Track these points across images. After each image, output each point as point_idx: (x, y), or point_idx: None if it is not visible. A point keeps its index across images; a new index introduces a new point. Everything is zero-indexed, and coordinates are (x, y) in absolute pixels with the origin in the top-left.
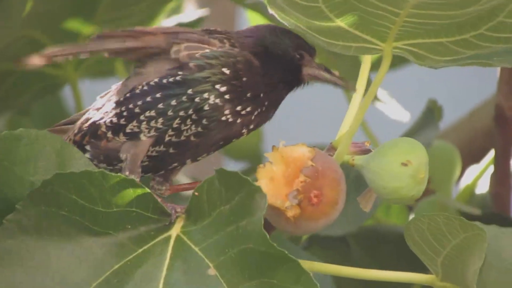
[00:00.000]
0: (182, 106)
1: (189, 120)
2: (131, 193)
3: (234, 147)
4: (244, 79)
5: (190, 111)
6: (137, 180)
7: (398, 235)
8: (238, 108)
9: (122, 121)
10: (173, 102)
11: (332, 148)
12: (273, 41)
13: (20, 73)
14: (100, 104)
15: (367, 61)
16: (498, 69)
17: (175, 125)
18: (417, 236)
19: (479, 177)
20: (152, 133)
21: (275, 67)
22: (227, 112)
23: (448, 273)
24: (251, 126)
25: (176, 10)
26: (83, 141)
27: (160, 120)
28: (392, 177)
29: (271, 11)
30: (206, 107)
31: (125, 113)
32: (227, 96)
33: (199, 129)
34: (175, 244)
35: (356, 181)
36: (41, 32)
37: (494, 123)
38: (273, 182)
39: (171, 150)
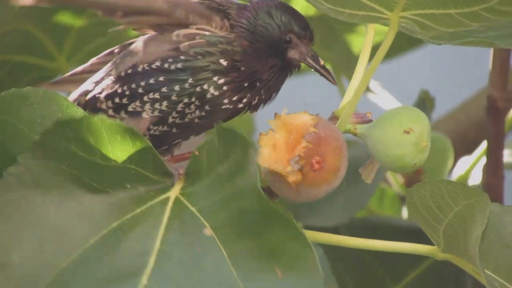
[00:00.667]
0: (185, 92)
1: (193, 105)
2: (130, 146)
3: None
4: (242, 68)
5: (193, 99)
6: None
7: (391, 226)
8: (235, 98)
9: (124, 101)
10: (177, 88)
11: (334, 118)
12: (263, 21)
13: (12, 65)
14: (98, 77)
15: (370, 31)
16: (490, 60)
17: (179, 109)
18: (419, 204)
19: (471, 168)
20: (156, 113)
21: (263, 50)
22: (226, 101)
23: (450, 243)
24: (252, 109)
25: None
26: None
27: (165, 103)
28: (394, 145)
29: None
30: (208, 95)
31: (127, 92)
32: (225, 88)
33: (203, 113)
34: (173, 206)
35: (348, 171)
36: (34, 25)
37: (486, 114)
38: (276, 149)
39: (174, 130)
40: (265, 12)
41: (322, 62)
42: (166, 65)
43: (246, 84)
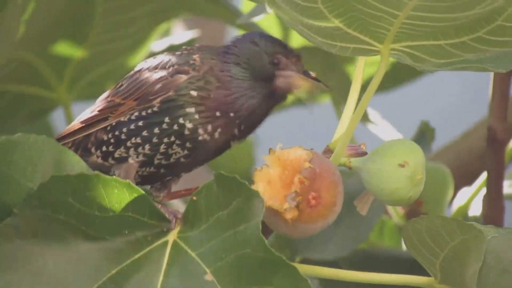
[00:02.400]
0: (165, 133)
1: (174, 145)
2: (127, 197)
3: (226, 167)
4: (212, 96)
5: (173, 138)
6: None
7: (391, 258)
8: (209, 128)
9: (110, 148)
10: (156, 130)
11: (328, 151)
12: (248, 50)
13: (12, 95)
14: (87, 117)
15: (361, 63)
16: (490, 91)
17: (162, 150)
18: (415, 239)
19: (471, 199)
20: (141, 158)
21: (249, 80)
22: (201, 131)
23: (447, 275)
24: (236, 140)
25: (166, 33)
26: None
27: (147, 146)
28: (389, 179)
29: (270, 10)
30: (186, 132)
31: (112, 140)
32: (196, 116)
33: (186, 151)
34: (172, 250)
35: (348, 203)
36: (34, 55)
37: (487, 145)
38: (271, 185)
39: (162, 171)
40: (249, 42)
41: (314, 74)
42: (143, 113)
43: (218, 114)
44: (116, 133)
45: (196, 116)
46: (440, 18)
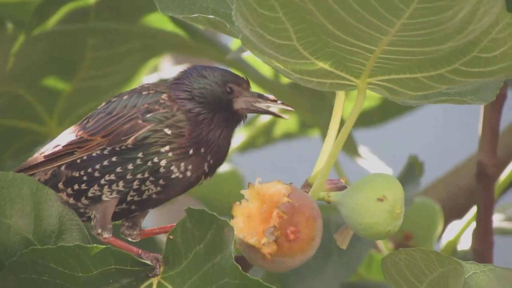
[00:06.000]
0: (139, 169)
1: (148, 181)
2: (109, 257)
3: (216, 200)
4: (186, 135)
5: (147, 174)
6: (109, 236)
7: None
8: (182, 166)
9: (83, 186)
10: (130, 166)
11: (307, 185)
12: (199, 84)
13: (3, 129)
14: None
15: (340, 97)
16: (480, 126)
17: (135, 186)
18: (394, 271)
19: (461, 233)
20: (114, 195)
21: (208, 111)
22: (174, 169)
23: None
24: (207, 177)
25: (155, 68)
26: None
27: (121, 183)
28: (368, 213)
29: (245, 48)
30: (162, 170)
31: (85, 178)
32: (170, 154)
33: (158, 188)
34: None
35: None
36: (25, 89)
37: (476, 180)
38: (249, 219)
39: (133, 207)
40: (197, 76)
41: (272, 97)
42: (117, 148)
43: (191, 151)
44: (89, 170)
45: (170, 154)
46: (415, 52)
